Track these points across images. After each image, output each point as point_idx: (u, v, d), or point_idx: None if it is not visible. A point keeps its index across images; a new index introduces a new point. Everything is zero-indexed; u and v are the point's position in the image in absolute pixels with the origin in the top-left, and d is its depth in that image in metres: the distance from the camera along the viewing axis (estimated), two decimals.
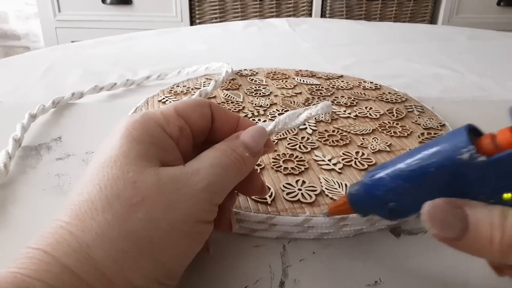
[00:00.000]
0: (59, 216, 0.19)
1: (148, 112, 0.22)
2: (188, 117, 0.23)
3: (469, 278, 0.24)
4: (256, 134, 0.23)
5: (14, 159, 0.36)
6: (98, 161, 0.20)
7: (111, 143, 0.20)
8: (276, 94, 0.46)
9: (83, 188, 0.19)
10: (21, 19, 2.08)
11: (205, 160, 0.21)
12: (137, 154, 0.20)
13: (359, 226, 0.27)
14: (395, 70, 0.62)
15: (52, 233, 0.18)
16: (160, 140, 0.21)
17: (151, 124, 0.21)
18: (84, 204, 0.18)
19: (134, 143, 0.20)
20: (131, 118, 0.21)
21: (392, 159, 0.20)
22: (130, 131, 0.20)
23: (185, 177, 0.20)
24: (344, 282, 0.24)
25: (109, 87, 0.50)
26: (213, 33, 0.84)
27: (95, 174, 0.19)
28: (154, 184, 0.19)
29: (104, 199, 0.18)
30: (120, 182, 0.19)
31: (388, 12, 1.70)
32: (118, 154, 0.20)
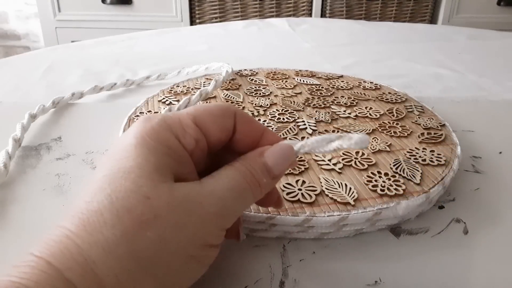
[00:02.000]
0: (64, 223, 0.18)
1: (165, 118, 0.21)
2: (207, 129, 0.21)
3: (469, 278, 0.24)
4: (281, 157, 0.21)
5: (14, 159, 0.36)
6: (111, 169, 0.19)
7: (125, 150, 0.19)
8: (276, 94, 0.46)
9: (93, 196, 0.18)
10: (21, 19, 2.08)
11: (222, 180, 0.20)
12: (152, 167, 0.19)
13: (359, 226, 0.27)
14: (395, 70, 0.62)
15: (57, 241, 0.17)
16: (175, 152, 0.20)
17: (168, 135, 0.20)
18: (93, 215, 0.17)
19: (150, 155, 0.19)
20: (148, 124, 0.20)
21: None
22: (146, 140, 0.19)
23: (199, 198, 0.19)
24: (344, 282, 0.24)
25: (109, 87, 0.50)
26: (213, 33, 0.84)
27: (107, 183, 0.18)
28: (167, 202, 0.18)
29: (115, 212, 0.17)
30: (133, 196, 0.18)
31: (388, 12, 1.70)
32: (133, 165, 0.19)
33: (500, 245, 0.27)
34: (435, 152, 0.34)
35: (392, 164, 0.32)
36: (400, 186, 0.29)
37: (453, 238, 0.28)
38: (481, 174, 0.35)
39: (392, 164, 0.32)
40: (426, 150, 0.34)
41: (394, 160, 0.33)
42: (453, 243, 0.27)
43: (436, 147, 0.35)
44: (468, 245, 0.27)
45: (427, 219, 0.29)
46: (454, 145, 0.35)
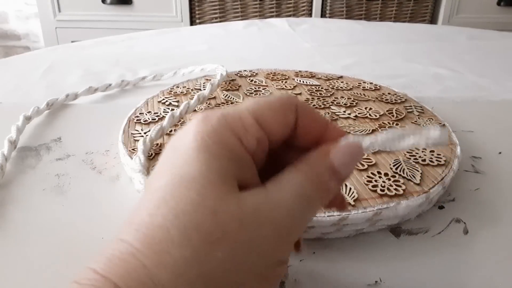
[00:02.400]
0: (128, 238, 0.16)
1: (225, 116, 0.18)
2: (268, 127, 0.19)
3: (469, 278, 0.24)
4: (348, 157, 0.19)
5: (14, 160, 0.36)
6: (172, 177, 0.17)
7: (186, 154, 0.18)
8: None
9: (156, 208, 0.17)
10: (21, 19, 2.08)
11: (288, 187, 0.18)
12: (217, 175, 0.17)
13: (359, 226, 0.27)
14: (395, 70, 0.62)
15: (122, 260, 0.16)
16: (237, 156, 0.18)
17: (229, 136, 0.18)
18: (159, 231, 0.16)
19: (213, 160, 0.17)
20: (207, 124, 0.18)
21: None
22: (207, 143, 0.18)
23: (268, 209, 0.17)
24: (344, 282, 0.24)
25: (104, 88, 0.50)
26: (213, 33, 0.84)
27: (169, 194, 0.17)
28: (236, 216, 0.17)
29: (182, 229, 0.16)
30: (199, 210, 0.16)
31: (388, 12, 1.70)
32: (195, 173, 0.17)
33: (500, 245, 0.27)
34: (435, 152, 0.34)
35: (392, 164, 0.32)
36: (400, 186, 0.29)
37: (453, 238, 0.28)
38: (481, 174, 0.35)
39: (392, 164, 0.32)
40: (426, 150, 0.34)
41: (394, 160, 0.33)
42: (453, 243, 0.27)
43: (436, 147, 0.35)
44: (468, 245, 0.27)
45: (427, 219, 0.29)
46: (454, 145, 0.35)
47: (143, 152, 0.32)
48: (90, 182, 0.33)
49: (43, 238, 0.27)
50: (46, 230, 0.28)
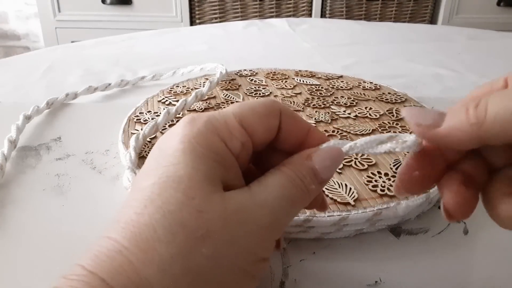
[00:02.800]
0: (115, 236, 0.17)
1: (211, 120, 0.19)
2: (252, 130, 0.20)
3: (469, 278, 0.24)
4: (329, 161, 0.20)
5: (13, 160, 0.36)
6: (159, 177, 0.18)
7: (172, 155, 0.18)
8: (276, 95, 0.46)
9: (143, 207, 0.17)
10: (21, 19, 2.08)
11: (272, 189, 0.19)
12: (203, 176, 0.18)
13: (359, 226, 0.27)
14: (395, 70, 0.62)
15: (109, 257, 0.16)
16: (223, 158, 0.19)
17: (215, 139, 0.19)
18: (145, 229, 0.17)
19: (199, 162, 0.18)
20: (194, 127, 0.19)
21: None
22: (194, 145, 0.18)
23: (251, 209, 0.18)
24: (344, 282, 0.24)
25: (104, 87, 0.50)
26: (213, 33, 0.84)
27: (157, 193, 0.17)
28: (220, 215, 0.17)
29: (168, 227, 0.17)
30: (185, 209, 0.17)
31: (388, 12, 1.70)
32: (182, 174, 0.18)
33: (500, 245, 0.27)
34: None
35: (392, 164, 0.32)
36: None
37: (453, 238, 0.28)
38: None
39: (392, 164, 0.32)
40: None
41: (394, 160, 0.33)
42: (453, 243, 0.27)
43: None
44: (468, 245, 0.27)
45: (427, 219, 0.29)
46: None
47: (134, 148, 0.32)
48: (90, 182, 0.33)
49: (43, 238, 0.27)
50: (46, 230, 0.28)
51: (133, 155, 0.31)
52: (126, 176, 0.29)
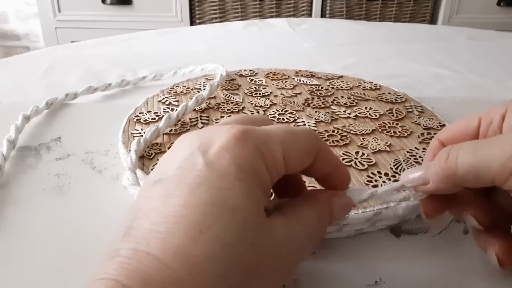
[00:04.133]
0: (165, 259, 0.15)
1: (260, 143, 0.19)
2: (291, 165, 0.20)
3: (469, 278, 0.24)
4: (344, 208, 0.22)
5: (13, 159, 0.36)
6: (212, 200, 0.17)
7: (224, 178, 0.17)
8: (276, 95, 0.46)
9: (198, 232, 0.16)
10: (21, 19, 2.08)
11: (304, 224, 0.20)
12: (255, 206, 0.18)
13: (359, 226, 0.27)
14: (395, 70, 0.62)
15: (163, 287, 0.15)
16: (266, 186, 0.19)
17: (262, 167, 0.19)
18: (204, 260, 0.16)
19: (251, 191, 0.18)
20: (245, 148, 0.18)
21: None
22: (247, 171, 0.18)
23: (289, 242, 0.19)
24: (344, 282, 0.24)
25: (104, 87, 0.50)
26: (213, 33, 0.84)
27: (213, 220, 0.16)
28: (268, 248, 0.18)
29: (226, 261, 0.16)
30: (241, 242, 0.16)
31: (388, 12, 1.70)
32: (237, 203, 0.17)
33: None
34: None
35: (392, 164, 0.32)
36: None
37: (453, 238, 0.28)
38: None
39: (392, 164, 0.32)
40: (426, 150, 0.34)
41: (394, 160, 0.33)
42: (453, 243, 0.27)
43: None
44: (468, 245, 0.27)
45: None
46: None
47: (135, 152, 0.32)
48: (90, 182, 0.33)
49: (43, 238, 0.27)
50: (46, 230, 0.28)
51: (134, 157, 0.31)
52: (126, 177, 0.29)
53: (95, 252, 0.26)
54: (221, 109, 0.42)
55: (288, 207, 0.20)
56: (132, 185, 0.28)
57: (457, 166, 0.21)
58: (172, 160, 0.19)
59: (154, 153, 0.34)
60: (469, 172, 0.20)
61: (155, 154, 0.34)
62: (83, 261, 0.25)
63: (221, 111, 0.42)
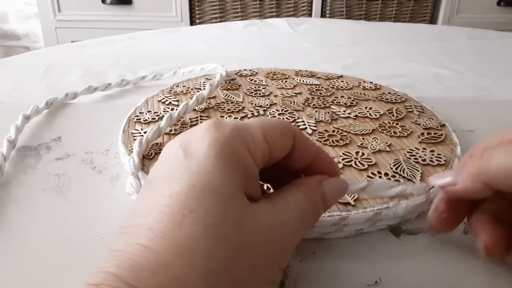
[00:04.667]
0: (153, 245, 0.16)
1: (238, 128, 0.19)
2: (273, 145, 0.20)
3: (469, 278, 0.24)
4: (337, 192, 0.22)
5: (13, 159, 0.36)
6: (193, 183, 0.17)
7: (204, 161, 0.18)
8: (276, 94, 0.46)
9: (181, 216, 0.17)
10: (21, 19, 2.08)
11: (293, 209, 0.20)
12: (236, 187, 0.18)
13: (359, 226, 0.27)
14: (395, 70, 0.62)
15: (153, 271, 0.16)
16: (248, 168, 0.19)
17: (242, 149, 0.19)
18: (189, 241, 0.16)
19: (231, 172, 0.18)
20: (222, 132, 0.19)
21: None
22: (224, 152, 0.18)
23: (278, 226, 0.19)
24: (344, 282, 0.24)
25: (104, 87, 0.50)
26: (213, 33, 0.84)
27: (194, 203, 0.17)
28: (254, 230, 0.18)
29: (212, 241, 0.16)
30: (225, 222, 0.17)
31: (388, 12, 1.70)
32: (218, 184, 0.17)
33: None
34: (435, 152, 0.34)
35: (392, 164, 0.32)
36: None
37: (453, 238, 0.28)
38: None
39: (392, 164, 0.32)
40: (426, 150, 0.34)
41: (394, 160, 0.33)
42: (453, 243, 0.27)
43: (436, 147, 0.35)
44: (468, 245, 0.27)
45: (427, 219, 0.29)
46: (454, 145, 0.35)
47: (138, 154, 0.32)
48: (90, 182, 0.33)
49: (43, 238, 0.27)
50: (46, 230, 0.28)
51: (137, 160, 0.31)
52: (129, 182, 0.29)
53: (95, 252, 0.26)
54: (221, 109, 0.42)
55: (275, 193, 0.21)
56: (136, 192, 0.28)
57: (490, 163, 0.21)
58: (160, 164, 0.20)
59: (154, 153, 0.34)
60: (501, 171, 0.20)
61: (155, 154, 0.34)
62: (83, 261, 0.25)
63: (221, 111, 0.42)
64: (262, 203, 0.19)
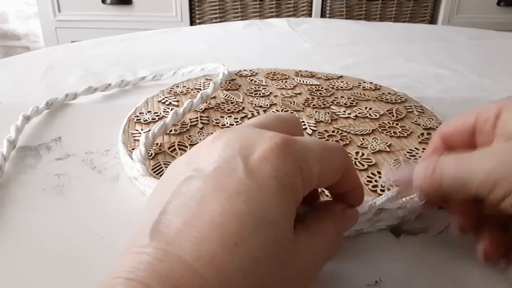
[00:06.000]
0: (198, 266, 0.15)
1: (299, 161, 0.19)
2: (323, 182, 0.20)
3: (469, 278, 0.24)
4: (353, 222, 0.23)
5: (13, 159, 0.36)
6: (250, 212, 0.16)
7: (264, 190, 0.17)
8: (276, 95, 0.46)
9: (233, 244, 0.16)
10: (21, 19, 2.08)
11: (326, 241, 0.20)
12: (288, 222, 0.18)
13: (359, 226, 0.27)
14: (395, 70, 0.62)
15: None
16: (298, 200, 0.19)
17: (299, 183, 0.18)
18: (235, 274, 0.15)
19: (287, 206, 0.18)
20: (286, 163, 0.18)
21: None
22: (286, 187, 0.18)
23: (313, 260, 0.19)
24: (344, 282, 0.24)
25: (104, 87, 0.50)
26: (213, 33, 0.84)
27: (248, 232, 0.16)
28: (296, 267, 0.18)
29: (259, 277, 0.16)
30: (273, 259, 0.16)
31: (388, 12, 1.70)
32: (274, 220, 0.17)
33: None
34: None
35: (392, 164, 0.32)
36: None
37: (453, 238, 0.28)
38: None
39: (392, 165, 0.32)
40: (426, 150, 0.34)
41: (394, 161, 0.33)
42: (453, 243, 0.27)
43: None
44: (468, 245, 0.27)
45: (427, 219, 0.29)
46: None
47: (144, 144, 0.32)
48: (90, 182, 0.33)
49: (43, 238, 0.27)
50: (46, 230, 0.28)
51: (143, 150, 0.32)
52: (136, 168, 0.30)
53: (95, 252, 0.26)
54: (221, 109, 0.42)
55: (311, 221, 0.20)
56: (142, 176, 0.28)
57: (441, 179, 0.22)
58: (208, 157, 0.19)
59: (154, 153, 0.34)
60: (453, 186, 0.22)
61: (155, 154, 0.34)
62: (83, 261, 0.25)
63: (221, 111, 0.42)
64: (302, 236, 0.19)
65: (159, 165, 0.32)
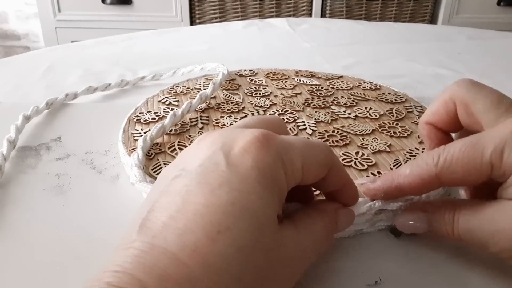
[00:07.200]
0: (182, 256, 0.15)
1: (281, 154, 0.19)
2: (307, 176, 0.20)
3: (469, 278, 0.24)
4: (349, 222, 0.23)
5: (13, 159, 0.36)
6: (232, 202, 0.17)
7: (245, 182, 0.18)
8: (276, 95, 0.46)
9: (216, 232, 0.16)
10: (21, 19, 2.08)
11: (314, 236, 0.21)
12: (271, 212, 0.18)
13: (359, 226, 0.27)
14: (395, 70, 0.62)
15: (179, 284, 0.15)
16: (281, 193, 0.19)
17: (282, 175, 0.19)
18: (219, 261, 0.16)
19: (270, 196, 0.18)
20: (268, 155, 0.19)
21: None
22: (267, 177, 0.18)
23: (299, 253, 0.19)
24: (344, 282, 0.24)
25: (104, 87, 0.50)
26: (213, 33, 0.84)
27: (231, 222, 0.17)
28: (280, 257, 0.18)
29: (241, 264, 0.16)
30: (258, 247, 0.17)
31: (388, 12, 1.70)
32: (256, 208, 0.17)
33: None
34: None
35: (392, 164, 0.32)
36: None
37: None
38: None
39: (392, 165, 0.32)
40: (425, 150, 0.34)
41: (394, 161, 0.33)
42: (453, 243, 0.27)
43: None
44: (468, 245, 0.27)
45: None
46: None
47: (142, 148, 0.32)
48: (90, 182, 0.33)
49: (43, 238, 0.27)
50: (46, 230, 0.28)
51: (141, 154, 0.32)
52: (133, 173, 0.29)
53: (95, 252, 0.26)
54: (221, 109, 0.42)
55: (300, 217, 0.21)
56: (139, 181, 0.28)
57: (459, 233, 0.23)
58: (194, 157, 0.19)
59: (154, 153, 0.34)
60: (472, 240, 0.23)
61: (155, 154, 0.34)
62: (83, 261, 0.25)
63: (221, 111, 0.42)
64: (288, 229, 0.19)
65: (159, 165, 0.32)
